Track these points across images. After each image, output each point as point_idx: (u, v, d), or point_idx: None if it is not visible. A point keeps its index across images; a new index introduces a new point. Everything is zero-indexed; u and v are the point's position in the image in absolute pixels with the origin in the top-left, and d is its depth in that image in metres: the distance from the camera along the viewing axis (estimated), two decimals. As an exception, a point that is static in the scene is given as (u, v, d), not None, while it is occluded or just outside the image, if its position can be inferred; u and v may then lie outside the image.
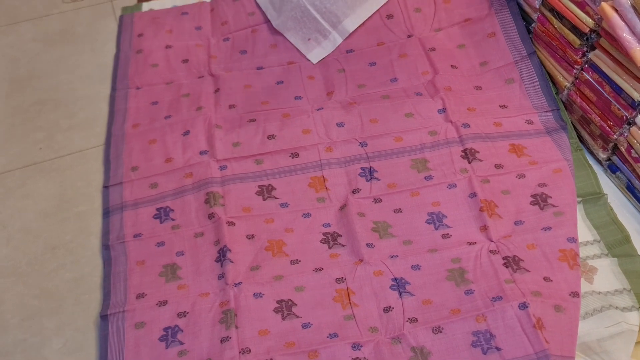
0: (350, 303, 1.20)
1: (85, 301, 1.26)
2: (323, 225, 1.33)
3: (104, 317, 1.20)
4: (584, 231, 1.31)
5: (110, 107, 1.59)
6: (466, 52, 1.62)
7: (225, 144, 1.46)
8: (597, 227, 1.31)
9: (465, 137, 1.43)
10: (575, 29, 1.39)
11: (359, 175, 1.40)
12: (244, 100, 1.56)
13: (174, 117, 1.54)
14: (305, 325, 1.18)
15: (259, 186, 1.39)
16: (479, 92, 1.55)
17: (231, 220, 1.32)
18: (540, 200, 1.34)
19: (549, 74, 1.52)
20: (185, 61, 1.68)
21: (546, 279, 1.21)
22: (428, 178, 1.39)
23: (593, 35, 1.35)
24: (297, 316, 1.19)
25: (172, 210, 1.37)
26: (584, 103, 1.42)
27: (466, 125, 1.45)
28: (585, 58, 1.39)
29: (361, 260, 1.26)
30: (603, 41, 1.32)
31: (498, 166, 1.40)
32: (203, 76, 1.63)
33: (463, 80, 1.57)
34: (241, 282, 1.23)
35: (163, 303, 1.22)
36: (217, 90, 1.59)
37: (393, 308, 1.19)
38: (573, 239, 1.26)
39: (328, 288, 1.23)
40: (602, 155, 1.42)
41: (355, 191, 1.37)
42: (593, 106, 1.40)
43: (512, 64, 1.56)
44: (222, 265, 1.25)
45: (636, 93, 1.27)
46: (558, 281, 1.21)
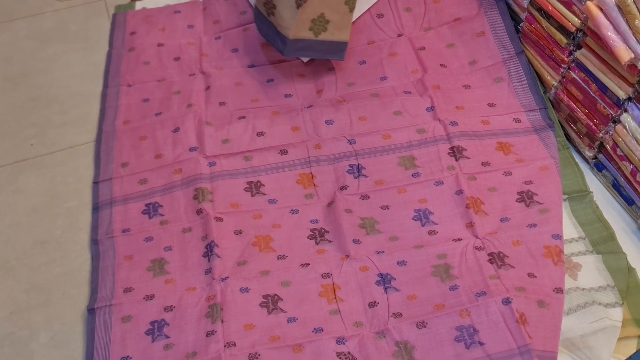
0: (335, 298, 1.21)
1: (73, 295, 1.27)
2: (310, 221, 1.34)
3: (91, 311, 1.21)
4: (570, 228, 1.32)
5: (101, 104, 1.60)
6: (455, 51, 1.63)
7: (214, 141, 1.47)
8: (583, 225, 1.32)
9: (452, 135, 1.44)
10: (562, 28, 1.40)
11: (347, 172, 1.41)
12: (235, 97, 1.58)
13: (165, 114, 1.55)
14: (290, 319, 1.19)
15: (248, 182, 1.40)
16: (468, 91, 1.56)
17: (219, 216, 1.33)
18: (526, 197, 1.35)
19: (537, 73, 1.53)
20: (177, 59, 1.69)
21: (530, 275, 1.22)
22: (415, 175, 1.40)
23: (579, 34, 1.36)
24: (283, 311, 1.20)
25: (161, 205, 1.38)
26: (571, 101, 1.43)
27: (454, 123, 1.46)
28: (572, 57, 1.41)
29: (347, 256, 1.27)
30: (589, 40, 1.33)
31: (485, 164, 1.41)
32: (194, 74, 1.65)
33: (452, 79, 1.58)
34: (228, 277, 1.24)
35: (150, 297, 1.23)
36: (208, 87, 1.60)
37: (378, 303, 1.20)
38: (558, 236, 1.27)
39: (314, 283, 1.24)
40: (589, 153, 1.43)
41: (343, 188, 1.38)
42: (579, 104, 1.41)
43: (501, 63, 1.57)
44: (210, 260, 1.26)
45: (621, 91, 1.28)
46: (542, 277, 1.21)
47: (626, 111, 1.28)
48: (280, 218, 1.34)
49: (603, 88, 1.32)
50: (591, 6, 1.25)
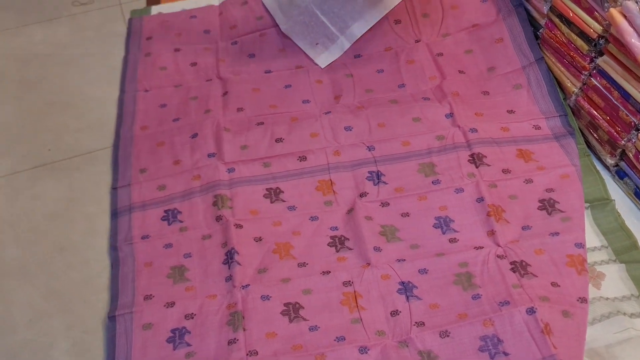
0: (357, 306, 1.20)
1: (93, 302, 1.26)
2: (330, 228, 1.33)
3: (112, 318, 1.21)
4: (592, 237, 1.31)
5: (118, 110, 1.60)
6: (474, 58, 1.62)
7: (233, 147, 1.46)
8: (605, 233, 1.31)
9: (472, 142, 1.43)
10: (583, 35, 1.40)
11: (367, 179, 1.40)
12: (252, 103, 1.57)
13: (183, 120, 1.55)
14: (312, 328, 1.18)
15: (267, 189, 1.40)
16: (487, 98, 1.55)
17: (239, 222, 1.33)
18: (547, 205, 1.34)
19: (557, 80, 1.53)
20: (193, 64, 1.69)
21: (554, 284, 1.21)
22: (435, 182, 1.39)
23: (601, 41, 1.35)
24: (304, 319, 1.19)
25: (180, 212, 1.37)
26: (592, 109, 1.42)
27: (473, 130, 1.45)
28: (593, 64, 1.40)
29: (368, 263, 1.26)
30: (611, 47, 1.32)
31: (505, 171, 1.40)
32: (211, 79, 1.64)
33: (470, 85, 1.57)
34: (249, 285, 1.23)
35: (171, 304, 1.22)
36: (226, 93, 1.59)
37: (400, 312, 1.19)
38: (581, 245, 1.26)
39: (335, 291, 1.23)
40: (610, 161, 1.41)
41: (362, 195, 1.37)
42: (601, 112, 1.40)
43: (520, 70, 1.56)
44: (230, 267, 1.26)
45: (645, 99, 1.27)
46: (566, 286, 1.20)
47: (650, 119, 1.27)
48: (300, 225, 1.34)
49: (626, 95, 1.32)
50: (614, 13, 1.25)
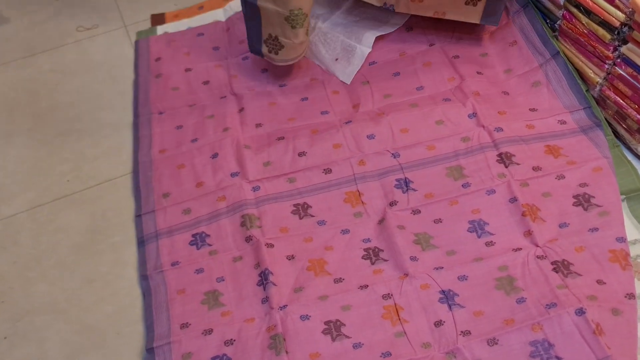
0: (399, 319, 1.18)
1: (127, 334, 1.23)
2: (363, 240, 1.31)
3: (150, 350, 1.18)
4: (631, 229, 1.28)
5: (134, 134, 1.57)
6: (489, 60, 1.60)
7: (256, 164, 1.43)
8: (644, 224, 1.28)
9: (499, 141, 1.40)
10: (604, 24, 1.37)
11: (395, 187, 1.37)
12: (270, 118, 1.54)
13: (201, 140, 1.52)
14: (356, 345, 1.15)
15: (294, 205, 1.37)
16: (508, 97, 1.52)
17: (269, 242, 1.30)
18: (583, 200, 1.31)
19: (579, 71, 1.50)
20: (206, 82, 1.66)
21: (599, 282, 1.18)
22: (465, 185, 1.36)
23: (625, 28, 1.33)
24: (347, 336, 1.16)
25: (208, 235, 1.34)
26: (619, 98, 1.39)
27: (499, 129, 1.43)
28: (617, 52, 1.37)
29: (406, 274, 1.23)
30: (636, 34, 1.29)
31: (536, 168, 1.37)
32: (225, 96, 1.62)
33: (490, 85, 1.54)
34: (286, 305, 1.20)
35: (209, 332, 1.19)
36: (242, 109, 1.57)
37: (444, 322, 1.16)
38: (622, 239, 1.23)
39: (375, 305, 1.20)
40: (642, 150, 1.39)
41: (392, 204, 1.35)
42: (629, 101, 1.37)
43: (537, 68, 1.53)
44: (265, 288, 1.23)
45: (675, 85, 1.24)
46: (612, 283, 1.17)
47: (682, 105, 1.24)
48: (331, 239, 1.31)
49: (654, 82, 1.29)
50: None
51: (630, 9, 1.27)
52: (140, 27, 1.88)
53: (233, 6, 1.83)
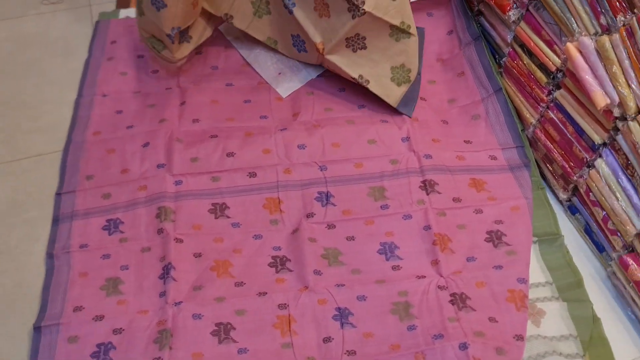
0: (290, 331, 1.18)
1: (21, 310, 1.23)
2: (273, 248, 1.31)
3: (37, 329, 1.18)
4: (537, 272, 1.29)
5: (73, 113, 1.57)
6: (436, 88, 1.61)
7: (183, 159, 1.44)
8: (551, 269, 1.29)
9: (426, 168, 1.41)
10: (543, 67, 1.38)
11: (315, 199, 1.38)
12: (209, 115, 1.55)
13: (136, 128, 1.52)
14: (241, 350, 1.15)
15: (213, 204, 1.37)
16: (445, 126, 1.53)
17: (179, 237, 1.30)
18: (495, 237, 1.32)
19: (517, 110, 1.51)
20: (155, 72, 1.66)
21: (491, 320, 1.18)
22: (384, 207, 1.36)
23: (559, 74, 1.34)
24: (235, 341, 1.16)
25: (123, 222, 1.34)
26: (548, 141, 1.41)
27: (428, 156, 1.44)
28: (551, 96, 1.38)
29: (306, 287, 1.23)
30: (567, 81, 1.31)
31: (456, 200, 1.38)
32: (171, 88, 1.62)
33: (431, 112, 1.55)
34: (182, 302, 1.20)
35: (100, 318, 1.19)
36: (183, 103, 1.57)
37: (333, 339, 1.17)
38: (523, 280, 1.24)
39: (269, 314, 1.20)
40: (563, 195, 1.40)
41: (309, 215, 1.35)
42: (556, 145, 1.39)
43: (479, 101, 1.55)
44: (165, 282, 1.23)
45: (597, 136, 1.25)
46: (504, 323, 1.18)
47: (600, 156, 1.26)
48: (242, 242, 1.31)
49: (580, 131, 1.30)
50: (571, 47, 1.23)
51: (564, 55, 1.28)
52: (104, 8, 1.88)
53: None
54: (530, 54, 1.42)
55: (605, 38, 1.15)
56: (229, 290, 1.24)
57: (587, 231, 1.35)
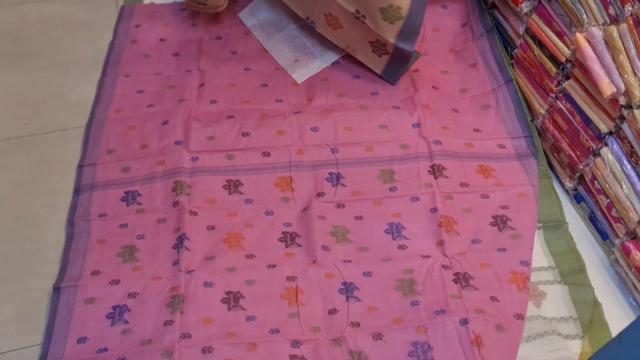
0: (297, 301, 1.22)
1: (42, 273, 1.29)
2: (284, 224, 1.35)
3: (57, 290, 1.23)
4: (540, 257, 1.32)
5: (97, 91, 1.63)
6: (448, 78, 1.64)
7: (200, 136, 1.49)
8: (554, 254, 1.32)
9: (435, 153, 1.45)
10: (553, 58, 1.41)
11: (326, 179, 1.42)
12: (226, 97, 1.60)
13: (156, 107, 1.58)
14: (249, 318, 1.20)
15: (227, 180, 1.42)
16: (456, 114, 1.57)
17: (194, 210, 1.35)
18: (500, 222, 1.35)
19: (527, 100, 1.54)
20: (176, 55, 1.72)
21: (493, 299, 1.22)
22: (393, 189, 1.40)
23: (568, 64, 1.37)
24: (243, 309, 1.21)
25: (140, 194, 1.40)
26: (556, 131, 1.43)
27: (438, 142, 1.47)
28: (560, 87, 1.41)
29: (314, 261, 1.28)
30: (576, 71, 1.34)
31: (463, 184, 1.41)
32: (191, 70, 1.67)
33: (442, 101, 1.59)
34: (194, 270, 1.25)
35: (116, 282, 1.24)
36: (202, 85, 1.63)
37: (338, 311, 1.21)
38: (526, 263, 1.27)
39: (278, 285, 1.24)
40: (569, 184, 1.42)
41: (319, 194, 1.39)
42: (564, 135, 1.41)
43: (490, 92, 1.58)
44: (179, 252, 1.28)
45: (603, 125, 1.28)
46: (505, 302, 1.21)
47: (606, 145, 1.28)
48: (254, 218, 1.36)
49: (587, 120, 1.33)
50: (579, 38, 1.26)
51: (574, 46, 1.32)
52: (130, -6, 1.94)
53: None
54: (541, 46, 1.45)
55: (612, 28, 1.19)
56: (240, 261, 1.28)
57: (592, 219, 1.38)
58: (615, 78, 1.20)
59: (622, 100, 1.19)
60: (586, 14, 1.28)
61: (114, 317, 1.19)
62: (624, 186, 1.24)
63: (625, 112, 1.20)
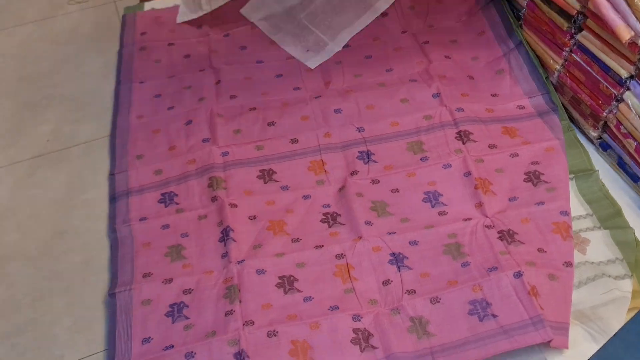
0: (350, 277, 1.24)
1: (93, 282, 1.29)
2: (323, 206, 1.37)
3: (112, 295, 1.24)
4: (577, 206, 1.35)
5: (115, 100, 1.64)
6: (459, 47, 1.67)
7: (226, 132, 1.50)
8: (590, 202, 1.35)
9: (459, 120, 1.47)
10: (562, 12, 1.44)
11: (357, 158, 1.44)
12: (245, 91, 1.61)
13: (177, 109, 1.59)
14: (306, 299, 1.21)
15: (260, 170, 1.43)
16: (472, 81, 1.60)
17: (233, 202, 1.36)
18: (533, 177, 1.37)
19: (540, 58, 1.57)
20: (186, 56, 1.73)
21: (540, 250, 1.24)
22: (424, 159, 1.43)
23: (580, 17, 1.40)
24: (299, 290, 1.23)
25: (176, 194, 1.41)
26: (574, 84, 1.46)
27: (460, 109, 1.50)
28: (573, 40, 1.44)
29: (360, 237, 1.30)
30: (590, 22, 1.37)
31: (492, 146, 1.44)
32: (204, 69, 1.69)
33: (456, 69, 1.62)
34: (244, 260, 1.27)
35: (168, 281, 1.25)
36: (218, 82, 1.64)
37: (392, 281, 1.23)
38: (566, 212, 1.30)
39: (328, 264, 1.26)
40: (593, 133, 1.46)
41: (353, 173, 1.41)
42: (583, 86, 1.44)
43: (501, 57, 1.61)
44: (226, 244, 1.29)
45: (623, 70, 1.31)
46: (551, 252, 1.24)
47: (629, 89, 1.31)
48: (293, 203, 1.37)
49: (605, 68, 1.36)
50: (591, -12, 1.29)
51: (584, -2, 1.34)
52: (128, 3, 1.95)
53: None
54: (548, 2, 1.48)
55: (625, -27, 1.21)
56: (287, 246, 1.30)
57: (620, 164, 1.41)
58: (632, 22, 1.23)
59: (641, 42, 1.22)
60: (594, -36, 1.30)
61: (174, 315, 1.21)
62: (651, 127, 1.28)
63: (645, 54, 1.23)
